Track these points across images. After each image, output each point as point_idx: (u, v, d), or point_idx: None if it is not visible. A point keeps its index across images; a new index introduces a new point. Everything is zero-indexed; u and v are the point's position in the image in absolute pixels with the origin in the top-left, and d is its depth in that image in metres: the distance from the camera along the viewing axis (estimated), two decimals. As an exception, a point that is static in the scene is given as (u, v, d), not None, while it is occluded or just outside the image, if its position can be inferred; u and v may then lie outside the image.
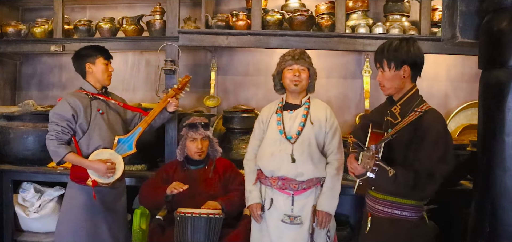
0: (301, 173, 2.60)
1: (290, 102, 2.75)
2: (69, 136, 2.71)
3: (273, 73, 2.78)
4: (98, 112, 2.79)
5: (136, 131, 2.87)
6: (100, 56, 2.85)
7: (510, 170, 2.11)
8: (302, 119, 2.67)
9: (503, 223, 2.13)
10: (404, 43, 2.19)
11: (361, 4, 3.68)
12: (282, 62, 2.71)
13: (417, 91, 2.23)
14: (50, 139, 2.67)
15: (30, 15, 4.34)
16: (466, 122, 3.85)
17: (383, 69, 2.21)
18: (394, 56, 2.17)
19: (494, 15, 2.23)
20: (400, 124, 2.13)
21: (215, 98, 3.97)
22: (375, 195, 2.23)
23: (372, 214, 2.25)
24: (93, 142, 2.75)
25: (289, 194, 2.63)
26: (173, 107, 3.07)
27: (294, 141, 2.62)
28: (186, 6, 4.09)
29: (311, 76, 2.72)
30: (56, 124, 2.69)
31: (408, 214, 2.15)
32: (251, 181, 2.77)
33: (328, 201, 2.62)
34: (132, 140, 2.84)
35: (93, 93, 2.83)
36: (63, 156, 2.65)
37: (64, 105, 2.72)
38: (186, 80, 3.18)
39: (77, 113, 2.72)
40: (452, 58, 3.89)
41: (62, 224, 2.80)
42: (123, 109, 3.00)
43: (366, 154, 1.99)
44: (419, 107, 2.14)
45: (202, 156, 3.00)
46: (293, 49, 2.73)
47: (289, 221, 2.62)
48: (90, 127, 2.75)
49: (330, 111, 2.74)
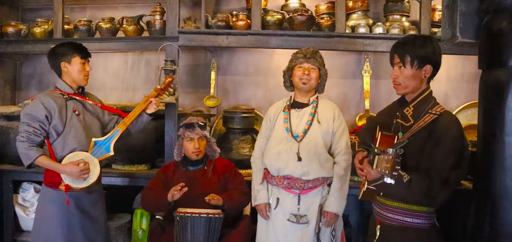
0: (307, 172, 2.60)
1: (298, 100, 2.74)
2: (41, 137, 2.56)
3: (284, 70, 2.77)
4: (74, 113, 2.65)
5: (114, 133, 2.72)
6: (76, 55, 2.68)
7: (510, 170, 2.10)
8: (309, 118, 2.66)
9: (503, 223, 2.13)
10: (429, 41, 2.08)
11: (361, 4, 3.68)
12: (294, 60, 2.71)
13: (431, 93, 2.15)
14: (21, 140, 2.51)
15: (30, 15, 4.34)
16: (466, 122, 3.85)
17: (404, 65, 2.08)
18: (420, 53, 2.05)
19: (494, 15, 2.23)
20: (414, 126, 2.04)
21: (215, 98, 3.97)
22: (384, 202, 2.14)
23: (381, 222, 2.16)
24: (68, 144, 2.61)
25: (295, 193, 2.62)
26: (153, 108, 2.84)
27: (301, 140, 2.62)
28: (186, 6, 4.09)
29: (322, 76, 2.72)
30: (28, 125, 2.53)
31: (420, 222, 2.07)
32: (259, 180, 2.77)
33: (336, 202, 2.62)
34: (109, 142, 2.69)
35: (68, 93, 2.68)
36: (34, 158, 2.49)
37: (37, 106, 2.57)
38: (169, 80, 3.06)
39: (51, 114, 2.58)
40: (452, 58, 3.89)
41: (37, 233, 2.67)
42: (101, 110, 2.85)
43: (383, 158, 1.85)
44: (433, 110, 2.06)
45: (200, 155, 3.00)
46: (305, 48, 2.72)
47: (295, 220, 2.62)
48: (65, 128, 2.60)
49: (339, 111, 2.73)
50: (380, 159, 1.86)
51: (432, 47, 2.09)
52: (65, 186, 2.56)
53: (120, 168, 3.55)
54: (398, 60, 2.11)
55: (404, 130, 2.12)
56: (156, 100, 2.85)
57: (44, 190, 2.69)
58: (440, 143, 1.98)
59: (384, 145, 2.02)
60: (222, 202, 2.79)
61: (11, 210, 3.57)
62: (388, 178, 1.83)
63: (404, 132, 2.12)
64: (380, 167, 1.85)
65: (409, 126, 2.09)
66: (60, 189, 2.57)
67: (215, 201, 2.77)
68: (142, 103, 2.83)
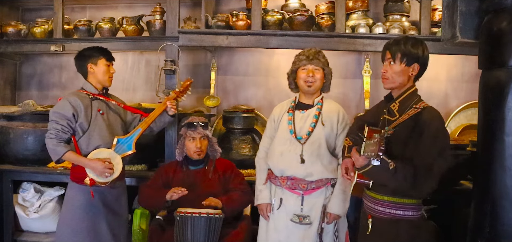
0: (310, 173, 2.59)
1: (302, 102, 2.73)
2: (68, 134, 2.71)
3: (288, 72, 2.76)
4: (98, 113, 2.80)
5: (135, 131, 2.86)
6: (102, 57, 2.86)
7: (510, 170, 2.10)
8: (313, 120, 2.65)
9: (503, 223, 2.13)
10: (419, 42, 2.20)
11: (361, 4, 3.68)
12: (297, 62, 2.69)
13: (416, 90, 2.23)
14: (50, 137, 2.67)
15: (30, 15, 4.34)
16: (466, 122, 3.85)
17: (394, 61, 2.19)
18: (410, 52, 2.16)
19: (494, 15, 2.23)
20: (399, 119, 2.14)
21: (215, 98, 3.97)
22: (375, 196, 2.21)
23: (373, 216, 2.22)
24: (92, 141, 2.75)
25: (299, 193, 2.62)
26: (173, 111, 3.02)
27: (304, 142, 2.61)
28: (186, 6, 4.09)
29: (326, 76, 2.71)
30: (56, 123, 2.69)
31: (409, 214, 2.14)
32: (262, 180, 2.76)
33: (339, 204, 2.62)
34: (131, 141, 2.84)
35: (94, 94, 2.84)
36: (62, 154, 2.65)
37: (65, 104, 2.73)
38: (188, 84, 3.13)
39: (78, 112, 2.73)
40: (452, 58, 3.89)
41: (63, 225, 2.81)
42: (123, 110, 3.00)
43: (369, 142, 1.95)
44: (417, 105, 2.15)
45: (201, 155, 3.00)
46: (308, 49, 2.71)
47: (298, 221, 2.61)
48: (90, 126, 2.75)
49: (343, 113, 2.72)
50: (367, 144, 1.97)
51: (421, 49, 2.19)
52: (90, 180, 2.69)
53: (120, 168, 3.55)
54: (389, 56, 2.22)
55: (390, 124, 2.18)
56: (171, 103, 2.99)
57: (70, 185, 2.82)
58: (423, 134, 2.05)
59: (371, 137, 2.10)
60: (220, 206, 2.79)
61: (11, 210, 3.57)
62: (375, 160, 1.92)
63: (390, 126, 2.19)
64: (367, 151, 1.96)
65: (395, 120, 2.17)
66: (85, 183, 2.69)
67: (214, 205, 2.77)
68: (161, 104, 3.00)
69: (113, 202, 2.85)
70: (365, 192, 2.28)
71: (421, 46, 2.19)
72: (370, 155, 1.93)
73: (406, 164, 2.02)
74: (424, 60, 2.20)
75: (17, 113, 3.56)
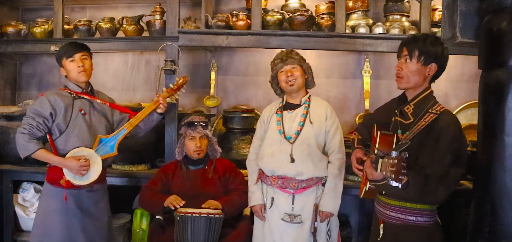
0: (300, 172, 2.60)
1: (290, 102, 2.76)
2: (43, 133, 2.62)
3: (269, 80, 2.80)
4: (79, 113, 2.69)
5: (120, 132, 2.75)
6: (64, 58, 2.73)
7: (510, 170, 2.10)
8: (301, 119, 2.67)
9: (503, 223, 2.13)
10: (439, 41, 2.11)
11: (361, 4, 3.68)
12: (273, 67, 2.75)
13: (431, 93, 2.16)
14: (22, 132, 2.57)
15: (30, 15, 4.34)
16: (466, 122, 3.85)
17: (410, 59, 2.09)
18: (429, 50, 2.07)
19: (494, 15, 2.23)
20: (416, 127, 2.05)
21: (215, 98, 3.97)
22: (386, 201, 2.14)
23: (384, 221, 2.17)
24: (70, 142, 2.65)
25: (290, 193, 2.63)
26: (162, 108, 2.88)
27: (293, 141, 2.63)
28: (186, 6, 4.09)
29: (306, 71, 2.72)
30: (32, 118, 2.60)
31: (423, 220, 2.08)
32: (253, 181, 2.79)
33: (331, 201, 2.62)
34: (114, 141, 2.72)
35: (76, 92, 2.73)
36: (33, 151, 2.54)
37: (43, 102, 2.64)
38: (183, 82, 3.06)
39: (56, 112, 2.64)
40: (452, 58, 3.84)
41: (38, 228, 2.72)
42: (111, 109, 2.88)
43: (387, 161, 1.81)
44: (433, 109, 2.07)
45: (201, 155, 3.00)
46: (280, 51, 2.75)
47: (289, 220, 2.62)
48: (68, 127, 2.65)
49: (331, 110, 2.73)
50: (384, 162, 1.82)
51: (441, 48, 2.11)
52: (66, 182, 2.60)
53: (120, 168, 3.56)
54: (406, 53, 2.12)
55: (403, 127, 2.12)
56: (164, 100, 2.88)
57: (46, 187, 2.73)
58: (438, 141, 2.00)
59: (384, 144, 2.02)
60: (220, 208, 2.79)
61: (11, 210, 3.57)
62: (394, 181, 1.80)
63: (403, 130, 2.12)
64: (385, 171, 1.81)
65: (408, 124, 2.10)
66: (60, 184, 2.60)
67: (214, 207, 2.77)
68: (152, 104, 2.87)
69: (90, 206, 2.73)
70: (377, 196, 2.23)
71: (441, 45, 2.11)
72: (388, 176, 1.80)
73: (418, 174, 1.95)
74: (442, 60, 2.11)
75: (17, 113, 3.56)
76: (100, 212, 2.80)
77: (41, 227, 2.69)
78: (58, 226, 2.65)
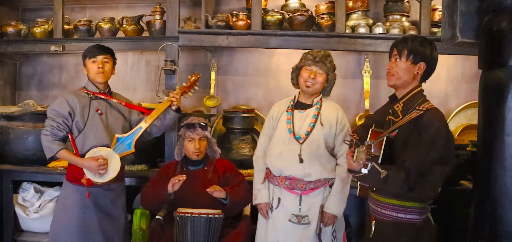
0: (308, 173, 2.59)
1: (301, 101, 2.73)
2: (64, 132, 2.70)
3: (293, 66, 2.74)
4: (96, 113, 2.77)
5: (136, 130, 2.82)
6: (87, 58, 2.84)
7: (510, 170, 2.10)
8: (312, 120, 2.64)
9: (503, 223, 2.13)
10: (428, 42, 2.17)
11: (361, 4, 3.68)
12: (303, 59, 2.68)
13: (421, 91, 2.20)
14: (45, 134, 2.67)
15: (30, 15, 4.34)
16: (466, 122, 3.85)
17: (400, 58, 2.16)
18: (417, 50, 2.14)
19: (494, 15, 2.23)
20: (399, 122, 2.11)
21: (215, 98, 3.97)
22: (378, 198, 2.19)
23: (376, 218, 2.21)
24: (87, 141, 2.73)
25: (297, 193, 2.62)
26: (175, 105, 2.96)
27: (303, 141, 2.60)
28: (186, 6, 4.08)
29: (329, 81, 2.69)
30: (53, 120, 2.69)
31: (412, 217, 2.11)
32: (260, 179, 2.76)
33: (336, 204, 2.61)
34: (131, 139, 2.80)
35: (94, 93, 2.82)
36: (56, 152, 2.64)
37: (61, 102, 2.73)
38: (195, 79, 3.10)
39: (74, 111, 2.72)
40: (452, 58, 3.89)
41: (56, 223, 2.79)
42: (128, 109, 2.96)
43: (360, 149, 1.94)
44: (421, 106, 2.11)
45: (200, 156, 3.00)
46: (317, 50, 2.69)
47: (296, 221, 2.61)
48: (86, 126, 2.73)
49: (342, 113, 2.71)
50: (358, 151, 1.95)
51: (430, 49, 2.16)
52: (87, 180, 2.67)
53: (120, 168, 3.55)
54: (396, 53, 2.19)
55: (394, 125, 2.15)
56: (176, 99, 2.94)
57: (65, 185, 2.80)
58: (420, 138, 2.02)
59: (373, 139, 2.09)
60: (224, 195, 2.79)
61: (11, 210, 3.57)
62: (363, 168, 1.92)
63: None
64: (358, 159, 1.94)
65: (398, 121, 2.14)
66: (82, 183, 2.67)
67: (218, 193, 2.77)
68: (165, 101, 2.95)
69: (108, 205, 2.80)
70: (370, 193, 2.27)
71: (429, 46, 2.16)
72: (360, 163, 1.92)
73: (399, 169, 2.00)
74: (431, 60, 2.16)
75: (17, 113, 3.55)
76: (117, 211, 2.87)
77: (61, 223, 2.76)
78: (75, 223, 2.71)
